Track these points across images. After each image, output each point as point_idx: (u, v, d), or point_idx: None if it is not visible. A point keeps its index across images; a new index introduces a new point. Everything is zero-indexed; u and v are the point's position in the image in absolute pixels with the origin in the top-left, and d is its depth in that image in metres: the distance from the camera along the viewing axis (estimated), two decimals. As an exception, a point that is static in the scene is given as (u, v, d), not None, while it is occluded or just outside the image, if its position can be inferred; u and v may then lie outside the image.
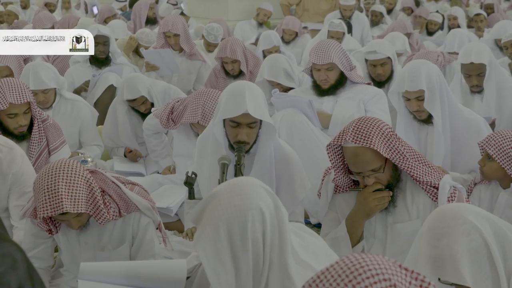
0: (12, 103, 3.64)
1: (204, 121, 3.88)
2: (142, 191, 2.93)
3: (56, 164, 2.68)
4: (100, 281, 2.36)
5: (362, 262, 1.36)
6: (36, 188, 2.66)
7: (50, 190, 2.60)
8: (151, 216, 2.89)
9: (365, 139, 2.68)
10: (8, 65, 5.13)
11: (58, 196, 2.59)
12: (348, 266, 1.36)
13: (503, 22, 6.93)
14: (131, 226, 2.85)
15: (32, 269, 1.39)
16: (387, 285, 1.33)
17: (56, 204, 2.59)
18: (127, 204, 2.81)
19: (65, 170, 2.65)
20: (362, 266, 1.35)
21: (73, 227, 2.74)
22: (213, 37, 6.94)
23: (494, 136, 3.21)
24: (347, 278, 1.34)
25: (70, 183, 2.63)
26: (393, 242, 2.82)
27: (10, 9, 10.65)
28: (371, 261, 1.36)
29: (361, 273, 1.33)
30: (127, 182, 2.94)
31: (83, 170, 2.72)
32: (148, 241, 2.87)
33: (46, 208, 2.59)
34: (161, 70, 6.08)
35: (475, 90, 4.53)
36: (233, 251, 1.92)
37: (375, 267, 1.35)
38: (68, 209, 2.59)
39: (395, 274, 1.36)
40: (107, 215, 2.73)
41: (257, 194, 1.98)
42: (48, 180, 2.62)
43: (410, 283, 1.37)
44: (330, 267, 1.38)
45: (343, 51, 4.35)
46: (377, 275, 1.33)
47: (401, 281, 1.35)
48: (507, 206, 3.23)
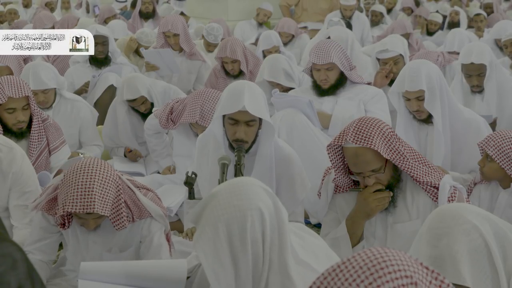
0: (10, 97, 3.65)
1: (202, 121, 3.88)
2: (155, 198, 2.91)
3: (92, 162, 2.66)
4: (101, 281, 2.36)
5: (385, 256, 1.33)
6: (67, 182, 2.61)
7: (84, 187, 2.57)
8: (162, 223, 2.87)
9: (365, 139, 2.68)
10: (8, 65, 5.13)
11: (91, 195, 2.57)
12: (370, 259, 1.33)
13: (503, 22, 6.93)
14: (140, 230, 2.84)
15: (32, 269, 1.39)
16: (408, 282, 1.30)
17: (87, 203, 2.57)
18: (140, 211, 2.80)
19: (101, 170, 2.63)
20: (384, 261, 1.32)
21: (89, 227, 2.73)
22: (213, 37, 6.94)
23: (494, 137, 3.21)
24: (369, 270, 1.31)
25: (104, 184, 2.61)
26: (393, 242, 2.82)
27: (11, 8, 10.66)
28: (394, 256, 1.33)
29: (383, 267, 1.30)
30: (142, 187, 2.92)
31: (116, 173, 2.71)
32: (156, 246, 2.83)
33: (75, 203, 2.57)
34: (161, 70, 6.08)
35: (476, 90, 4.53)
36: (232, 252, 1.92)
37: (397, 262, 1.32)
38: (98, 210, 2.57)
39: (417, 272, 1.33)
40: (125, 221, 2.72)
41: (257, 195, 1.98)
42: (83, 177, 2.59)
43: (431, 282, 1.35)
44: (352, 258, 1.35)
45: (343, 51, 4.35)
46: (399, 271, 1.30)
47: (422, 279, 1.33)
48: (507, 206, 3.23)
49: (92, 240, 2.84)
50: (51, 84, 4.48)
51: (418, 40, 7.41)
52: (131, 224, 2.79)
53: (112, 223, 2.72)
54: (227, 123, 3.08)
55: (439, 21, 9.06)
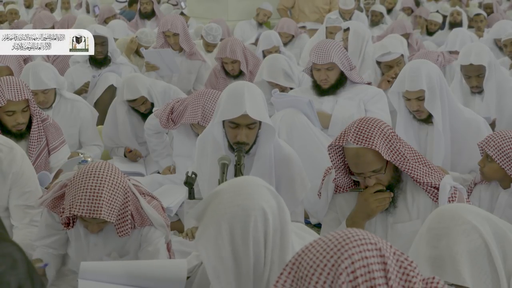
0: (10, 100, 3.64)
1: (204, 121, 3.88)
2: (158, 206, 2.89)
3: (103, 167, 2.64)
4: (101, 280, 2.36)
5: (352, 231, 1.51)
6: (76, 184, 2.60)
7: (93, 191, 2.56)
8: (163, 232, 2.86)
9: (367, 140, 2.67)
10: (8, 65, 5.13)
11: (99, 200, 2.55)
12: (339, 234, 1.50)
13: (502, 22, 6.93)
14: (140, 237, 2.82)
15: (32, 269, 1.39)
16: (373, 248, 1.48)
17: (94, 208, 2.55)
18: (143, 218, 2.78)
19: (111, 176, 2.62)
20: (351, 234, 1.50)
21: (92, 230, 2.72)
22: (212, 37, 6.93)
23: (494, 137, 3.21)
24: (337, 241, 1.48)
25: (113, 190, 2.60)
26: (393, 242, 2.80)
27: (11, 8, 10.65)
28: (360, 231, 1.52)
29: (350, 237, 1.48)
30: (147, 194, 2.91)
31: (125, 180, 2.69)
32: (155, 255, 2.81)
33: (82, 207, 2.56)
34: (161, 70, 6.08)
35: (475, 91, 4.52)
36: (234, 250, 1.92)
37: (363, 235, 1.50)
38: (104, 217, 2.56)
39: (381, 242, 1.50)
40: (129, 228, 2.71)
41: (260, 194, 1.98)
42: (93, 181, 2.58)
43: (394, 253, 1.52)
44: (322, 236, 1.52)
45: (343, 50, 4.35)
46: (364, 239, 1.49)
47: (386, 248, 1.50)
48: (507, 206, 3.23)
49: (93, 242, 2.84)
50: (51, 84, 4.48)
51: (418, 40, 7.40)
52: (132, 230, 2.78)
53: (116, 229, 2.71)
54: (228, 126, 3.08)
55: (439, 21, 9.05)
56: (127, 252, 2.84)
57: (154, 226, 2.81)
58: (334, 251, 1.46)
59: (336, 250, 1.46)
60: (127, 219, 2.69)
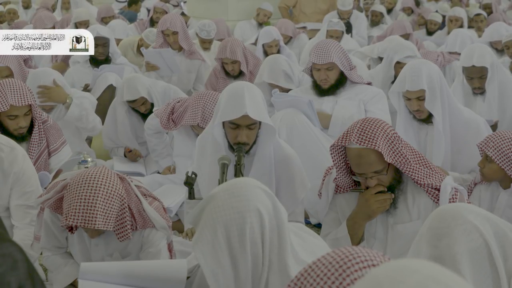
0: (13, 105, 3.63)
1: (204, 123, 3.88)
2: (160, 208, 2.88)
3: (98, 174, 2.60)
4: (100, 281, 2.36)
5: (352, 251, 1.43)
6: (71, 193, 2.58)
7: (87, 202, 2.53)
8: (165, 234, 2.86)
9: (369, 140, 2.67)
10: (8, 65, 5.12)
11: (93, 211, 2.53)
12: (338, 255, 1.43)
13: (495, 24, 6.94)
14: (141, 238, 2.82)
15: (32, 269, 1.39)
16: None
17: (89, 218, 2.53)
18: (144, 220, 2.78)
19: (106, 184, 2.58)
20: (351, 254, 1.42)
21: (91, 236, 2.73)
22: (206, 32, 6.89)
23: (493, 138, 3.20)
24: (338, 264, 1.40)
25: (107, 200, 2.57)
26: (394, 243, 2.82)
27: (11, 8, 10.65)
28: (360, 250, 1.44)
29: (351, 259, 1.40)
30: (149, 195, 2.90)
31: (121, 186, 2.66)
32: (155, 254, 2.81)
33: (77, 217, 2.54)
34: (161, 70, 6.08)
35: (478, 92, 4.52)
36: (231, 253, 1.92)
37: (364, 255, 1.42)
38: (99, 226, 2.54)
39: (383, 262, 1.42)
40: (129, 232, 2.70)
41: (255, 196, 1.98)
42: (87, 191, 2.55)
43: None
44: (321, 257, 1.45)
45: (343, 50, 4.35)
46: (366, 261, 1.40)
47: None
48: (507, 206, 3.23)
49: (94, 242, 2.84)
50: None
51: (418, 40, 7.40)
52: (133, 232, 2.77)
53: (116, 234, 2.70)
54: (228, 127, 3.07)
55: (439, 21, 9.04)
56: (129, 253, 2.84)
57: (156, 228, 2.81)
58: (339, 272, 1.41)
59: (341, 270, 1.41)
60: (126, 224, 2.67)
